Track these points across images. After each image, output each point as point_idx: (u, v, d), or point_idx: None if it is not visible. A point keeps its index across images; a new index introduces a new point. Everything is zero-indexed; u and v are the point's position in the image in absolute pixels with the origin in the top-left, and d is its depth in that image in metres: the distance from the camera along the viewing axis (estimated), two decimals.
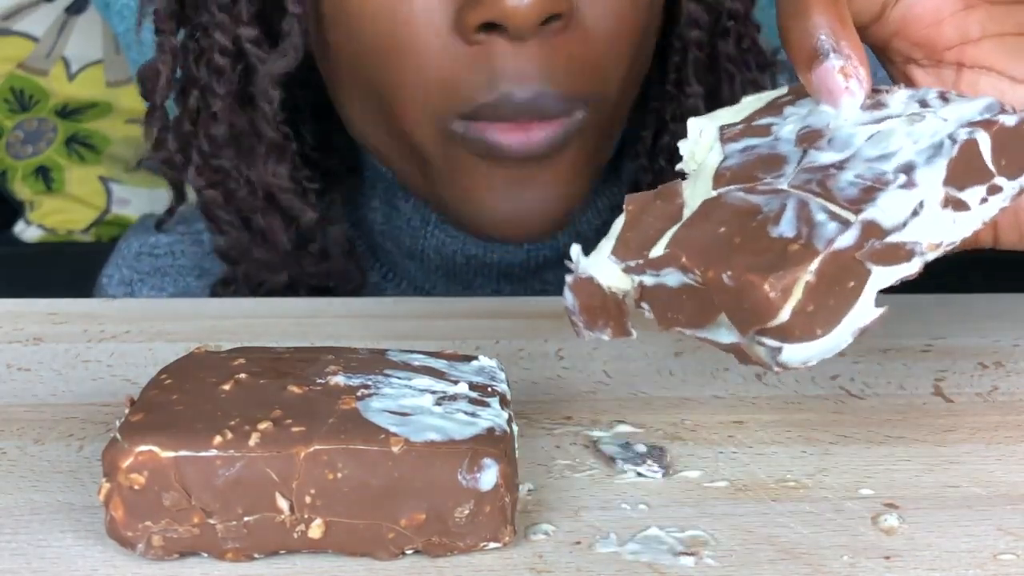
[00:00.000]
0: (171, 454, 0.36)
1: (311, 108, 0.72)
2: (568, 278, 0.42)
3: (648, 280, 0.40)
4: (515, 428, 0.40)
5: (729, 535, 0.39)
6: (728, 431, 0.46)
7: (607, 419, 0.48)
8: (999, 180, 0.40)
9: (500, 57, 0.56)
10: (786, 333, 0.37)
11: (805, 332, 0.37)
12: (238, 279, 0.72)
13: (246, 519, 0.36)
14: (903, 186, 0.38)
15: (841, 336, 0.38)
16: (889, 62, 0.48)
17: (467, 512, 0.36)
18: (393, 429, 0.37)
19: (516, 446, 0.39)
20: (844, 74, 0.41)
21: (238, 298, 0.71)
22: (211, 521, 0.36)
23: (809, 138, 0.41)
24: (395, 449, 0.36)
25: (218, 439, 0.36)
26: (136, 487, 0.36)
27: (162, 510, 0.36)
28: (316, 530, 0.36)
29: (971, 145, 0.39)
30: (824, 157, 0.40)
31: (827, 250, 0.37)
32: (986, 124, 0.40)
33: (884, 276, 0.38)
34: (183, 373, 0.40)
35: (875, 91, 0.42)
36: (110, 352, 0.54)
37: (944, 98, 0.42)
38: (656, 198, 0.42)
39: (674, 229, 0.40)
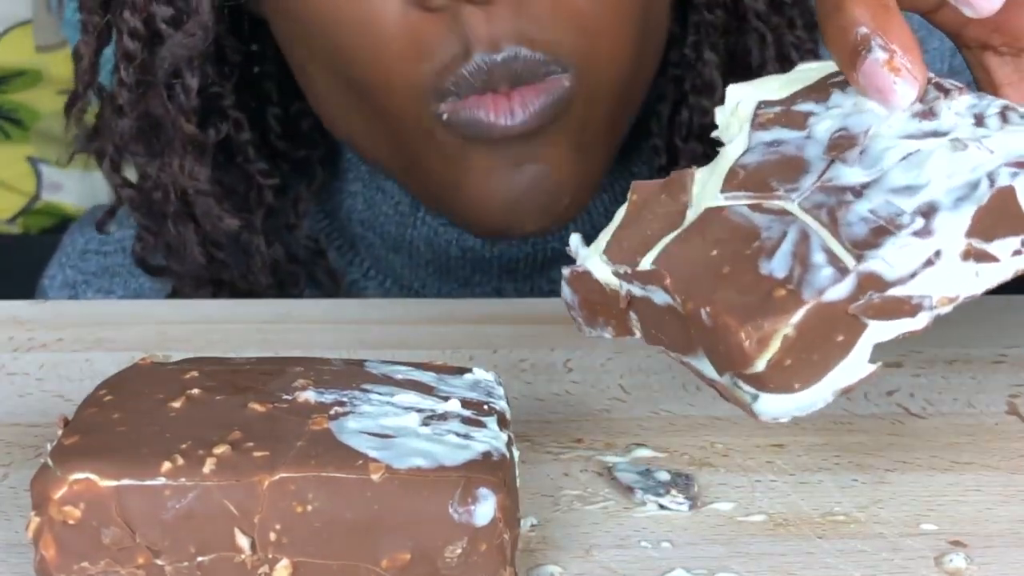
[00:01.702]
0: (112, 483, 0.36)
1: (277, 89, 0.73)
2: (565, 271, 0.43)
3: (636, 291, 0.41)
4: (515, 453, 0.40)
5: None
6: (766, 456, 0.47)
7: (624, 442, 0.48)
8: None
9: (467, 22, 0.58)
10: (761, 383, 0.38)
11: (781, 385, 0.39)
12: (184, 296, 0.73)
13: (200, 559, 0.36)
14: (917, 233, 0.39)
15: (821, 393, 0.39)
16: (964, 47, 0.48)
17: (459, 551, 0.36)
18: (372, 454, 0.37)
19: (517, 474, 0.39)
20: (892, 68, 0.41)
21: (191, 300, 0.71)
22: (159, 562, 0.36)
23: (840, 145, 0.42)
24: (375, 477, 0.36)
25: (167, 465, 0.36)
26: (71, 522, 0.36)
27: (101, 549, 0.36)
28: (282, 572, 0.36)
29: (1006, 194, 0.39)
30: (848, 175, 0.41)
31: (814, 301, 0.38)
32: None
33: (883, 330, 0.39)
34: (126, 388, 0.40)
35: (938, 86, 0.42)
36: (40, 363, 0.54)
37: (1005, 117, 0.42)
38: (663, 190, 0.43)
39: (669, 238, 0.41)
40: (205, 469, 0.36)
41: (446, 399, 0.40)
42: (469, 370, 0.43)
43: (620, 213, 0.43)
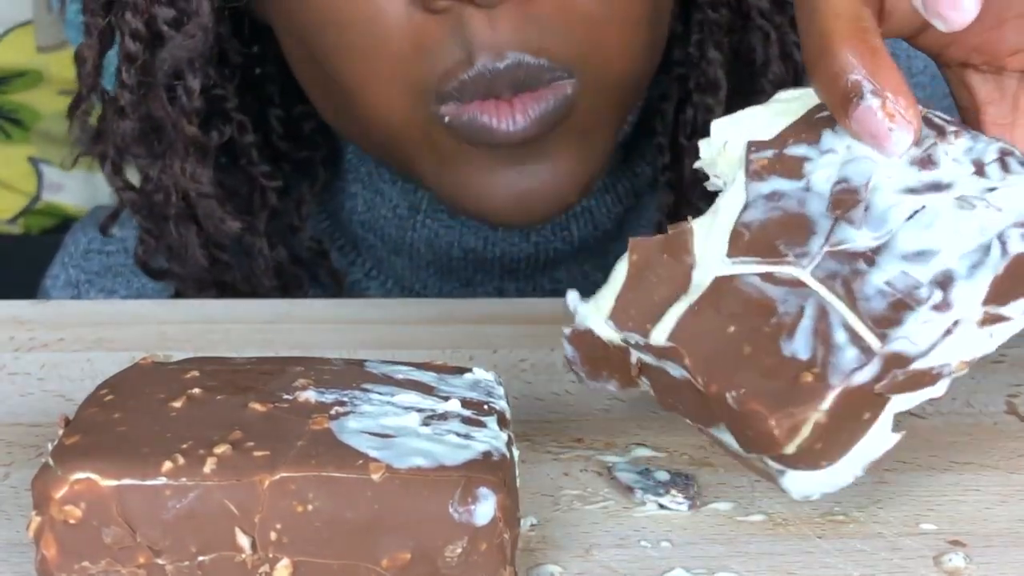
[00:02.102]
0: (112, 483, 0.36)
1: (280, 91, 0.73)
2: (566, 329, 0.44)
3: (649, 360, 0.42)
4: (515, 452, 0.40)
5: None
6: None
7: (623, 442, 0.48)
8: None
9: (470, 26, 0.58)
10: (790, 462, 0.39)
11: (809, 464, 0.39)
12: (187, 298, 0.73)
13: (200, 559, 0.36)
14: (936, 307, 0.39)
15: (851, 469, 0.40)
16: (945, 67, 0.48)
17: (459, 551, 0.36)
18: (373, 453, 0.37)
19: (517, 473, 0.39)
20: (887, 113, 0.41)
21: (191, 300, 0.71)
22: (159, 561, 0.36)
23: (843, 202, 0.42)
24: (375, 477, 0.36)
25: (168, 465, 0.36)
26: (72, 521, 0.36)
27: (102, 548, 0.36)
28: (282, 572, 0.36)
29: (1021, 259, 0.40)
30: (856, 237, 0.41)
31: (842, 385, 0.38)
32: None
33: (905, 402, 0.40)
34: (126, 388, 0.40)
35: (929, 123, 0.42)
36: (41, 363, 0.54)
37: (1005, 165, 0.42)
38: (663, 249, 0.43)
39: (679, 309, 0.41)
40: (206, 469, 0.36)
41: (446, 399, 0.40)
42: (469, 370, 0.43)
43: (620, 273, 0.43)
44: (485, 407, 0.40)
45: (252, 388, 0.40)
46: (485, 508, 0.36)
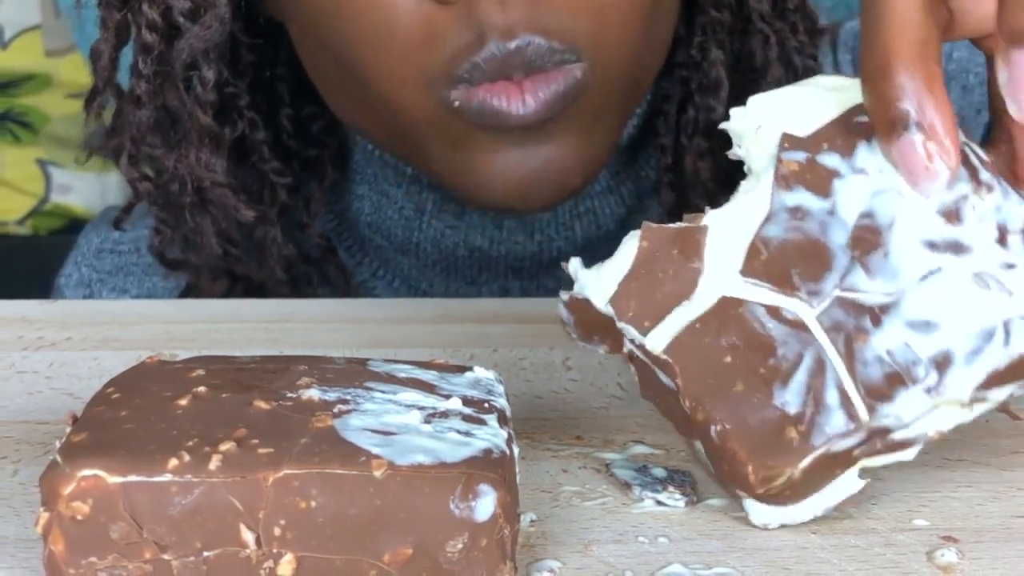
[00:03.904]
0: (119, 479, 0.36)
1: (290, 92, 0.73)
2: (564, 295, 0.44)
3: (640, 355, 0.42)
4: (516, 450, 0.40)
5: (762, 573, 0.39)
6: None
7: (622, 439, 0.48)
8: None
9: (482, 11, 0.57)
10: (757, 497, 0.40)
11: (775, 501, 0.41)
12: (200, 290, 0.74)
13: (205, 554, 0.36)
14: (929, 390, 0.40)
15: (812, 509, 0.41)
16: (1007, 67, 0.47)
17: (460, 546, 0.36)
18: (375, 451, 0.37)
19: (517, 470, 0.39)
20: (927, 151, 0.41)
21: (195, 299, 0.71)
22: (165, 556, 0.36)
23: (864, 243, 0.41)
24: (377, 474, 0.36)
25: (173, 462, 0.36)
26: (79, 517, 0.36)
27: (109, 544, 0.36)
28: (286, 567, 0.36)
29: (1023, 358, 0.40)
30: (868, 288, 0.41)
31: (824, 448, 0.39)
32: None
33: (875, 460, 0.41)
34: (133, 386, 0.40)
35: (967, 164, 0.42)
36: (49, 362, 0.54)
37: None
38: (675, 244, 0.42)
39: (681, 317, 0.41)
40: (211, 466, 0.36)
41: (447, 397, 0.40)
42: (470, 369, 0.43)
43: (627, 253, 0.43)
44: (485, 405, 0.41)
45: (256, 387, 0.40)
46: (485, 504, 0.36)
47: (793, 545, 0.41)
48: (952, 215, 0.42)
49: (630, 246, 0.43)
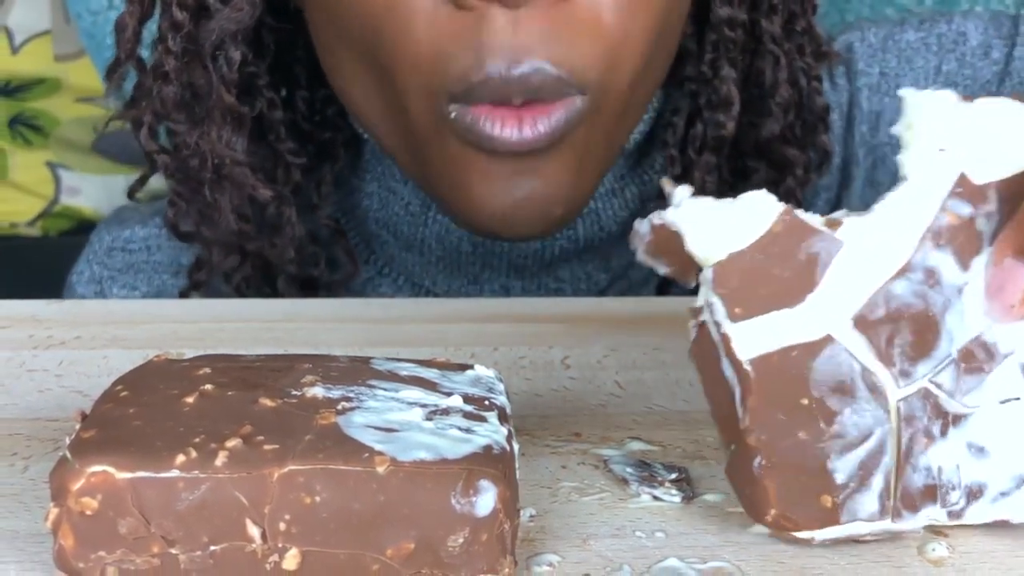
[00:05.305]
0: (127, 475, 0.36)
1: (307, 74, 0.74)
2: (655, 218, 0.40)
3: (715, 335, 0.39)
4: (515, 446, 0.40)
5: (758, 567, 0.39)
6: None
7: (619, 436, 0.48)
8: None
9: (493, 28, 0.56)
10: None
11: (776, 532, 0.41)
12: (211, 264, 0.74)
13: (212, 548, 0.36)
14: (951, 514, 0.40)
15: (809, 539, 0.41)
16: None
17: (461, 541, 0.36)
18: (378, 447, 0.37)
19: (517, 466, 0.39)
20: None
21: (203, 299, 0.71)
22: (173, 551, 0.36)
23: (972, 357, 0.40)
24: (380, 470, 0.36)
25: (180, 458, 0.36)
26: (88, 512, 0.36)
27: (117, 538, 0.36)
28: (291, 561, 0.36)
29: None
30: (953, 393, 0.40)
31: (846, 524, 0.39)
32: None
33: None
34: (141, 384, 0.40)
35: None
36: (59, 360, 0.54)
37: None
38: (805, 246, 0.39)
39: (775, 325, 0.38)
40: (217, 462, 0.36)
41: (449, 395, 0.41)
42: (471, 367, 0.43)
43: (754, 223, 0.39)
44: (486, 403, 0.41)
45: (262, 384, 0.40)
46: (486, 500, 0.36)
47: (787, 539, 0.41)
48: None
49: (760, 217, 0.39)
